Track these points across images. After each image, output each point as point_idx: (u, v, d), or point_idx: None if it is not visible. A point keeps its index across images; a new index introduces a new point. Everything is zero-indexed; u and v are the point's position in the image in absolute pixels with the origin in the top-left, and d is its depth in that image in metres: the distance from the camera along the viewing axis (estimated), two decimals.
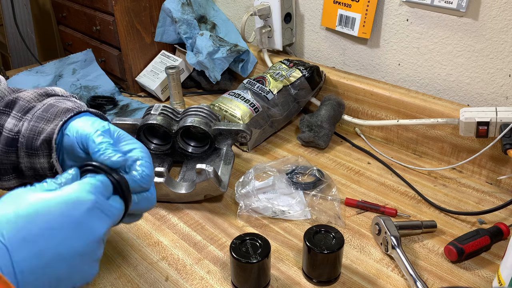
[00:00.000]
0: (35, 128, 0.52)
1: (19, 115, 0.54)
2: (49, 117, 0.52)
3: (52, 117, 0.52)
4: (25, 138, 0.52)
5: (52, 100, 0.55)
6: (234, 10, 1.21)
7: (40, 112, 0.53)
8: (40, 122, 0.52)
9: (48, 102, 0.54)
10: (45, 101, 0.55)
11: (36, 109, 0.54)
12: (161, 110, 0.81)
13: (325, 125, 0.90)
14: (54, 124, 0.51)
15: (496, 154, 0.78)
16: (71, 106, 0.54)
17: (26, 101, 0.55)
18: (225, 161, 0.79)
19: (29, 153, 0.53)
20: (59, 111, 0.53)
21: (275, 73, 0.96)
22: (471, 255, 0.63)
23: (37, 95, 0.56)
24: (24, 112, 0.54)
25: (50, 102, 0.54)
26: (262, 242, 0.58)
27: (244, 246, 0.58)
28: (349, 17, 0.94)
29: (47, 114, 0.53)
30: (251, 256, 0.56)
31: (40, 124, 0.52)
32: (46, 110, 0.53)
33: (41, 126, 0.52)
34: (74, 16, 1.23)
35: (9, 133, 0.53)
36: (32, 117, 0.53)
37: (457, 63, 0.84)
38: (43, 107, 0.54)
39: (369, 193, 0.79)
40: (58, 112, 0.52)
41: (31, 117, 0.53)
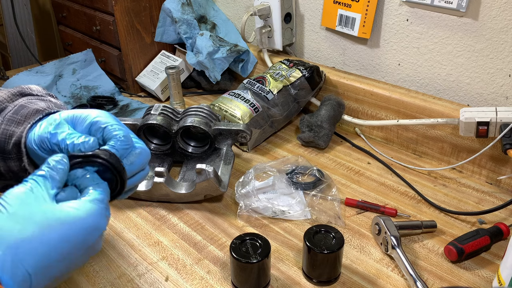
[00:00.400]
0: (6, 132, 0.51)
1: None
2: (19, 119, 0.51)
3: (22, 119, 0.51)
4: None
5: (23, 101, 0.53)
6: (234, 10, 1.21)
7: (10, 114, 0.51)
8: (11, 125, 0.51)
9: (20, 103, 0.53)
10: (17, 101, 0.53)
11: (7, 110, 0.52)
12: (161, 110, 0.81)
13: (325, 125, 0.90)
14: (23, 127, 0.50)
15: (496, 154, 0.78)
16: (42, 106, 0.52)
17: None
18: (225, 161, 0.79)
19: (3, 156, 0.52)
20: (29, 112, 0.51)
21: (275, 73, 0.96)
22: (471, 255, 0.63)
23: (10, 95, 0.54)
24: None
25: (22, 103, 0.53)
26: (262, 242, 0.58)
27: (244, 246, 0.58)
28: (349, 17, 0.94)
29: (17, 116, 0.51)
30: (251, 256, 0.56)
31: (11, 127, 0.51)
32: (16, 112, 0.52)
33: (11, 129, 0.50)
34: (74, 16, 1.23)
35: None
36: (3, 120, 0.51)
37: (457, 63, 0.84)
38: (14, 109, 0.52)
39: (369, 193, 0.79)
40: (28, 114, 0.51)
41: (1, 120, 0.51)
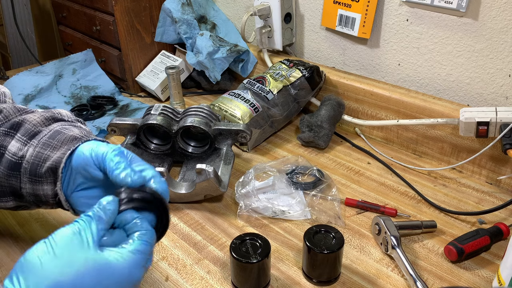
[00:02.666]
0: (41, 155, 0.51)
1: (24, 139, 0.53)
2: (55, 144, 0.52)
3: (59, 145, 0.52)
4: (29, 164, 0.52)
5: (58, 127, 0.54)
6: (234, 10, 1.21)
7: (46, 139, 0.52)
8: (46, 149, 0.52)
9: (55, 129, 0.54)
10: (52, 126, 0.54)
11: (42, 134, 0.53)
12: (161, 110, 0.81)
13: (325, 125, 0.90)
14: (61, 153, 0.51)
15: (496, 154, 0.78)
16: (78, 134, 0.53)
17: (33, 124, 0.54)
18: (225, 161, 0.79)
19: (33, 179, 0.52)
20: (66, 138, 0.52)
21: (275, 73, 0.96)
22: (471, 255, 0.63)
23: (44, 119, 0.55)
24: (29, 137, 0.53)
25: (57, 129, 0.54)
26: (262, 242, 0.58)
27: (244, 246, 0.58)
28: (349, 17, 0.94)
29: (53, 141, 0.52)
30: (251, 256, 0.56)
31: (46, 151, 0.52)
32: (52, 136, 0.53)
33: (46, 153, 0.51)
34: (74, 16, 1.23)
35: (13, 157, 0.52)
36: (38, 143, 0.52)
37: (457, 63, 0.84)
38: (50, 133, 0.53)
39: (369, 193, 0.79)
40: (65, 140, 0.52)
41: (36, 143, 0.52)
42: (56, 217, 0.73)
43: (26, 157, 0.52)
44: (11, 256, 0.65)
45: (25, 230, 0.70)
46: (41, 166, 0.51)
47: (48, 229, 0.71)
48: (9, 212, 0.74)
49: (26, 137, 0.53)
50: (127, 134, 0.84)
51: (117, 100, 1.14)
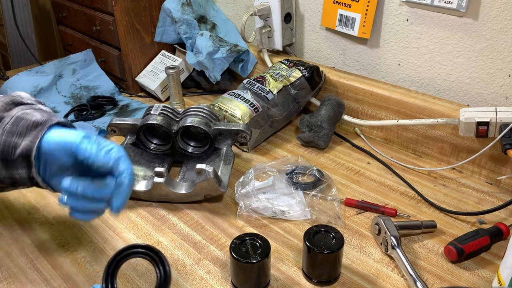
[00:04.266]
0: (9, 143, 0.54)
1: None
2: (20, 130, 0.54)
3: (24, 131, 0.54)
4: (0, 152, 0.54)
5: (19, 112, 0.56)
6: (234, 10, 1.21)
7: (10, 126, 0.54)
8: (13, 137, 0.54)
9: (16, 115, 0.56)
10: (12, 112, 0.56)
11: (4, 122, 0.55)
12: (161, 110, 0.81)
13: (325, 125, 0.90)
14: (29, 140, 0.53)
15: (496, 154, 0.78)
16: (40, 118, 0.55)
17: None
18: (225, 161, 0.79)
19: (6, 165, 0.54)
20: (29, 124, 0.54)
21: (275, 73, 0.96)
22: (471, 255, 0.63)
23: (4, 104, 0.57)
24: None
25: (18, 115, 0.56)
26: (262, 242, 0.58)
27: (244, 246, 0.58)
28: (349, 17, 0.94)
29: (17, 128, 0.54)
30: (251, 256, 0.56)
31: (13, 138, 0.54)
32: (15, 123, 0.54)
33: (14, 140, 0.54)
34: (74, 16, 1.23)
35: None
36: (3, 132, 0.54)
37: (457, 63, 0.84)
38: (12, 120, 0.55)
39: (369, 193, 0.79)
40: (29, 126, 0.54)
41: (1, 132, 0.54)
42: (56, 217, 0.73)
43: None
44: (11, 256, 0.65)
45: (25, 230, 0.70)
46: (11, 153, 0.54)
47: (47, 229, 0.71)
48: (8, 212, 0.74)
49: None
50: (127, 134, 0.84)
51: (117, 100, 1.14)
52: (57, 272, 0.63)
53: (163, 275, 0.49)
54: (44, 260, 0.65)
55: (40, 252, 0.66)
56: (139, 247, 0.50)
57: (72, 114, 1.08)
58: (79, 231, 0.70)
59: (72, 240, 0.69)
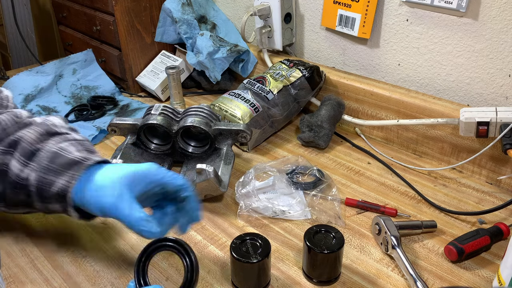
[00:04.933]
0: (44, 180, 0.54)
1: (23, 160, 0.55)
2: (56, 168, 0.54)
3: (60, 169, 0.54)
4: (36, 188, 0.55)
5: (55, 147, 0.56)
6: (234, 10, 1.21)
7: (46, 163, 0.55)
8: (49, 174, 0.54)
9: (52, 149, 0.56)
10: (48, 145, 0.56)
11: (40, 156, 0.55)
12: (161, 110, 0.81)
13: (325, 125, 0.90)
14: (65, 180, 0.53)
15: (496, 154, 0.78)
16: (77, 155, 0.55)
17: (29, 143, 0.56)
18: (225, 161, 0.79)
19: (42, 200, 0.55)
20: (66, 163, 0.54)
21: (275, 73, 0.96)
22: (471, 255, 0.63)
23: (39, 136, 0.57)
24: (27, 157, 0.55)
25: (54, 150, 0.56)
26: (262, 242, 0.58)
27: (244, 246, 0.58)
28: (349, 17, 0.94)
29: (53, 165, 0.54)
30: (251, 256, 0.56)
31: (49, 176, 0.54)
32: (51, 160, 0.55)
33: (50, 178, 0.54)
34: (74, 16, 1.23)
35: (17, 178, 0.55)
36: (39, 167, 0.54)
37: (457, 63, 0.84)
38: (48, 156, 0.55)
39: (369, 193, 0.79)
40: (65, 164, 0.54)
41: (37, 167, 0.54)
42: (56, 217, 0.73)
43: (31, 181, 0.54)
44: (11, 256, 0.65)
45: (25, 230, 0.70)
46: (47, 191, 0.54)
47: (48, 229, 0.71)
48: None
49: (25, 157, 0.55)
50: (127, 134, 0.84)
51: (117, 100, 1.14)
52: (57, 272, 0.63)
53: (189, 266, 0.51)
54: (44, 260, 0.65)
55: (40, 252, 0.66)
56: (164, 241, 0.51)
57: (73, 114, 1.08)
58: (79, 231, 0.70)
59: (73, 240, 0.69)
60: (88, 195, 0.52)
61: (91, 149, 0.59)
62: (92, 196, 0.52)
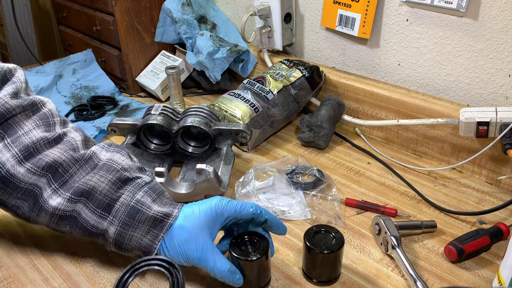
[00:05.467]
0: (124, 234, 0.56)
1: (99, 212, 0.56)
2: (136, 225, 0.56)
3: (140, 225, 0.56)
4: (113, 240, 0.56)
5: (132, 201, 0.56)
6: (234, 10, 1.21)
7: (124, 218, 0.56)
8: (128, 229, 0.56)
9: (130, 203, 0.56)
10: (123, 197, 0.56)
11: (117, 209, 0.56)
12: (161, 110, 0.81)
13: (325, 125, 0.90)
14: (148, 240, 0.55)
15: (496, 154, 0.78)
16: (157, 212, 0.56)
17: (103, 195, 0.56)
18: (225, 161, 0.79)
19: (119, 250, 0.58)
20: (145, 219, 0.56)
21: (275, 73, 0.96)
22: (471, 255, 0.63)
23: (112, 185, 0.57)
24: (103, 209, 0.56)
25: (132, 205, 0.56)
26: (261, 240, 0.58)
27: (243, 245, 0.58)
28: (349, 17, 0.94)
29: (133, 221, 0.56)
30: (251, 254, 0.56)
31: (129, 231, 0.56)
32: (130, 215, 0.56)
33: (130, 233, 0.56)
34: (74, 16, 1.23)
35: (92, 228, 0.57)
36: (118, 222, 0.56)
37: (457, 63, 0.84)
38: (127, 211, 0.56)
39: (369, 193, 0.79)
40: (144, 221, 0.56)
41: (116, 222, 0.55)
42: None
43: (109, 234, 0.56)
44: (11, 256, 0.65)
45: (25, 230, 0.70)
46: (126, 244, 0.56)
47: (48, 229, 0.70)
48: None
49: (101, 209, 0.56)
50: (127, 134, 0.84)
51: (117, 100, 1.14)
52: (57, 272, 0.63)
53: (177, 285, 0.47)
54: (44, 260, 0.65)
55: (40, 252, 0.66)
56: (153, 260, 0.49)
57: (73, 114, 1.08)
58: None
59: (72, 240, 0.68)
60: (172, 251, 0.55)
61: (162, 194, 0.59)
62: (176, 252, 0.55)
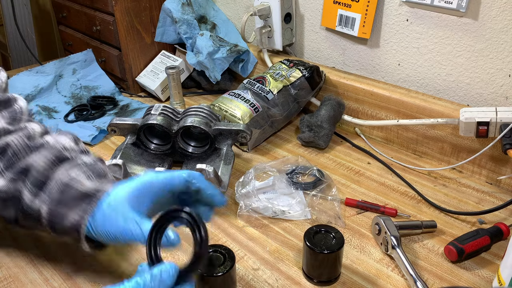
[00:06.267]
0: (56, 213, 0.53)
1: (34, 190, 0.54)
2: (67, 201, 0.53)
3: (72, 203, 0.52)
4: (47, 220, 0.53)
5: (66, 178, 0.54)
6: (234, 10, 1.21)
7: (56, 195, 0.53)
8: (61, 207, 0.53)
9: (62, 181, 0.54)
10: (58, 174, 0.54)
11: (50, 187, 0.54)
12: (161, 110, 0.81)
13: (325, 125, 0.90)
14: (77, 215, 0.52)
15: (496, 154, 0.78)
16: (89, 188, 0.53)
17: (39, 172, 0.55)
18: (225, 161, 0.79)
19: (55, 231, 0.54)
20: (77, 196, 0.53)
21: (275, 73, 0.96)
22: (471, 255, 0.63)
23: (49, 163, 0.55)
24: (38, 186, 0.54)
25: (65, 181, 0.54)
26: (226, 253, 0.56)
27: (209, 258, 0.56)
28: (349, 17, 0.94)
29: (65, 198, 0.53)
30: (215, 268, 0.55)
31: (61, 209, 0.53)
32: (63, 192, 0.53)
33: (62, 211, 0.52)
34: (74, 16, 1.23)
35: (28, 209, 0.54)
36: (50, 200, 0.53)
37: (457, 63, 0.84)
38: (59, 188, 0.53)
39: (369, 193, 0.79)
40: (77, 197, 0.53)
41: (48, 200, 0.53)
42: None
43: (42, 214, 0.53)
44: (11, 256, 0.65)
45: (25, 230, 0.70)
46: (59, 223, 0.53)
47: None
48: None
49: (36, 187, 0.54)
50: (127, 134, 0.84)
51: (117, 100, 1.14)
52: (57, 272, 0.63)
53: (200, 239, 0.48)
54: (44, 259, 0.65)
55: (40, 252, 0.66)
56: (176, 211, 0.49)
57: (73, 114, 1.08)
58: None
59: None
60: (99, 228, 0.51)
61: (102, 175, 0.57)
62: (102, 227, 0.51)
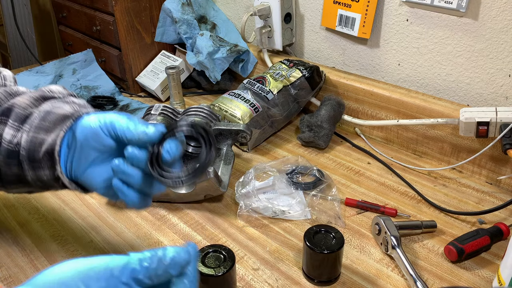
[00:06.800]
0: (35, 139, 0.50)
1: (16, 125, 0.51)
2: (47, 126, 0.50)
3: (51, 126, 0.50)
4: (26, 151, 0.50)
5: (48, 106, 0.52)
6: (234, 10, 1.21)
7: (37, 122, 0.50)
8: (39, 133, 0.50)
9: (45, 109, 0.52)
10: (42, 107, 0.52)
11: (33, 117, 0.51)
12: (161, 110, 0.81)
13: (325, 125, 0.90)
14: (54, 134, 0.49)
15: (496, 154, 0.78)
16: (69, 111, 0.51)
17: (22, 108, 0.52)
18: (225, 161, 0.79)
19: (33, 165, 0.51)
20: (57, 118, 0.50)
21: (275, 73, 0.96)
22: (471, 255, 0.63)
23: (33, 100, 0.53)
24: (21, 121, 0.51)
25: (47, 109, 0.52)
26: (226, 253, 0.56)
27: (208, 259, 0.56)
28: (349, 17, 0.94)
29: (45, 123, 0.50)
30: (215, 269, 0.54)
31: (40, 134, 0.50)
32: (43, 118, 0.51)
33: (41, 136, 0.50)
34: (74, 16, 1.23)
35: (9, 145, 0.51)
36: (31, 128, 0.50)
37: (457, 63, 0.84)
38: (40, 115, 0.51)
39: (369, 193, 0.79)
40: (56, 120, 0.50)
41: (29, 128, 0.50)
42: (56, 217, 0.73)
43: (22, 144, 0.50)
44: (11, 256, 0.65)
45: (25, 230, 0.71)
46: (37, 151, 0.50)
47: (48, 229, 0.71)
48: (9, 212, 0.74)
49: (18, 122, 0.51)
50: None
51: (117, 100, 1.14)
52: None
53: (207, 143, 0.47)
54: (44, 260, 0.65)
55: (40, 252, 0.66)
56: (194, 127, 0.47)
57: None
58: (79, 231, 0.70)
59: (72, 240, 0.69)
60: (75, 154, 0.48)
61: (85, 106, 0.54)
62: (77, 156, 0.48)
